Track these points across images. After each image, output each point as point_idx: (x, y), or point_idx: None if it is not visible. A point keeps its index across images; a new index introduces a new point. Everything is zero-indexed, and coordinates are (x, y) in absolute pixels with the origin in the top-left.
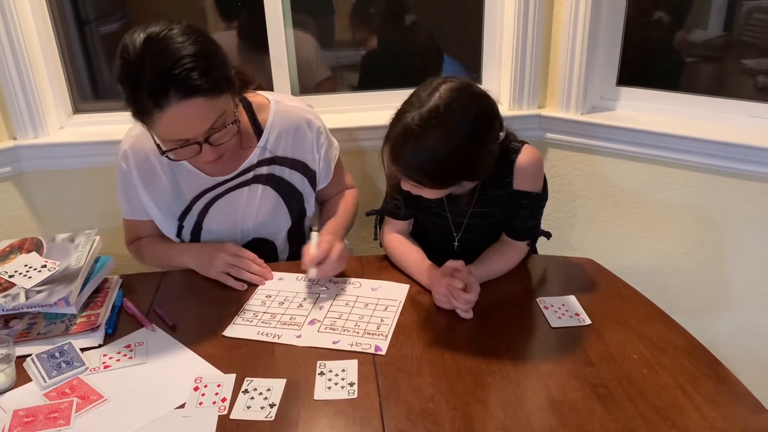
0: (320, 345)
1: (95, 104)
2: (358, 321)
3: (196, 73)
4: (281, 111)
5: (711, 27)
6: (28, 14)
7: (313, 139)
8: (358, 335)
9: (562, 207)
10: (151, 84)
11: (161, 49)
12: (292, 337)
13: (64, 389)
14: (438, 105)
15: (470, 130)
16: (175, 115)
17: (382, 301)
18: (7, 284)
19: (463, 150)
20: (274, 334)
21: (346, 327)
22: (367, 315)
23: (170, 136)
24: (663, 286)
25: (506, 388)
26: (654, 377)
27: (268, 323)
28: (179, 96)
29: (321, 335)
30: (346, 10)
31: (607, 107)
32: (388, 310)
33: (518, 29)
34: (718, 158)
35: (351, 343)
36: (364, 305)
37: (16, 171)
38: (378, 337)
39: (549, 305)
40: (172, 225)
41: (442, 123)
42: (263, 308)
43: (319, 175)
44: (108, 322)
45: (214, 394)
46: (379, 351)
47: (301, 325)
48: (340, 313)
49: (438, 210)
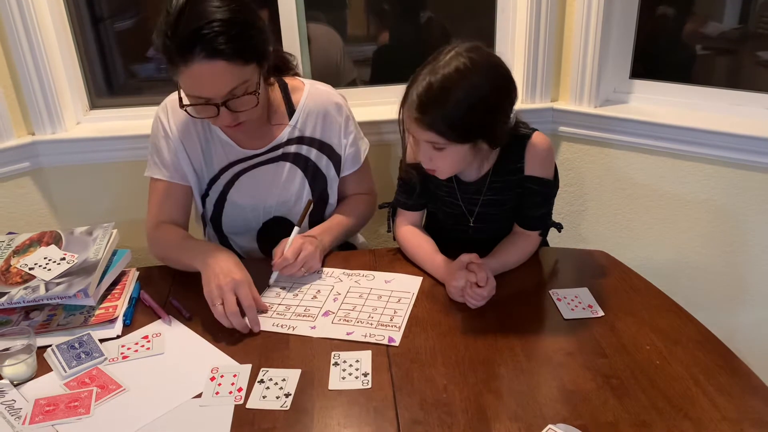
0: (335, 336)
1: (111, 100)
2: (371, 313)
3: (223, 38)
4: (314, 94)
5: (726, 19)
6: (46, 12)
7: (341, 124)
8: (371, 326)
9: (575, 200)
10: (181, 38)
11: (198, 9)
12: (307, 329)
13: (83, 379)
14: (462, 61)
15: (493, 83)
16: (197, 72)
17: (395, 294)
18: (27, 276)
19: (487, 101)
20: (289, 326)
21: (360, 318)
22: (380, 307)
23: (191, 92)
24: (677, 279)
25: (519, 378)
26: (667, 368)
27: (282, 315)
28: (203, 55)
29: (335, 326)
30: (358, 5)
31: (621, 100)
32: (401, 302)
33: (531, 22)
34: (732, 150)
35: (365, 334)
36: (378, 297)
37: (35, 166)
38: (391, 328)
39: (562, 297)
40: (201, 187)
41: (467, 75)
42: (278, 300)
43: (344, 160)
44: (126, 313)
45: (230, 384)
46: (392, 342)
47: (316, 316)
48: (354, 305)
49: (450, 199)
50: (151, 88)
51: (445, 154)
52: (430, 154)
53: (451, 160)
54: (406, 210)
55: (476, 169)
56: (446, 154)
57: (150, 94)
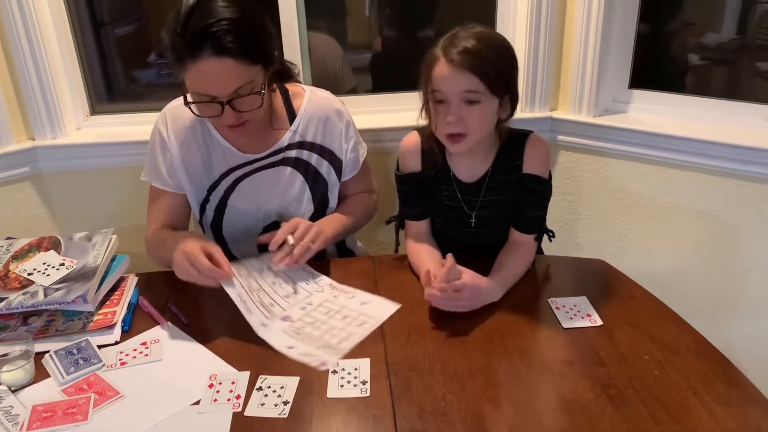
0: (273, 345)
1: (111, 106)
2: (325, 332)
3: (231, 36)
4: (314, 100)
5: (724, 30)
6: (47, 17)
7: (342, 129)
8: (315, 347)
9: (573, 209)
10: (190, 35)
11: (208, 8)
12: (258, 323)
13: (81, 385)
14: (480, 29)
15: (510, 46)
16: (205, 68)
17: (363, 317)
18: (26, 282)
19: (512, 57)
20: (247, 308)
21: (311, 335)
22: (338, 328)
23: (197, 89)
24: (675, 288)
25: (517, 387)
26: (665, 378)
27: (250, 292)
28: (211, 52)
29: (282, 335)
30: (357, 13)
31: (619, 110)
32: (363, 326)
33: (531, 31)
34: (730, 161)
35: (304, 353)
36: (343, 317)
37: (35, 171)
38: (332, 351)
39: (560, 306)
40: (199, 195)
41: (492, 34)
42: (259, 276)
43: (345, 165)
44: (124, 319)
45: (229, 391)
46: (324, 366)
47: (274, 315)
48: (315, 319)
49: (450, 202)
50: (151, 94)
51: (478, 109)
52: (461, 112)
53: (482, 117)
54: (412, 220)
55: (476, 165)
56: (478, 110)
57: (150, 99)
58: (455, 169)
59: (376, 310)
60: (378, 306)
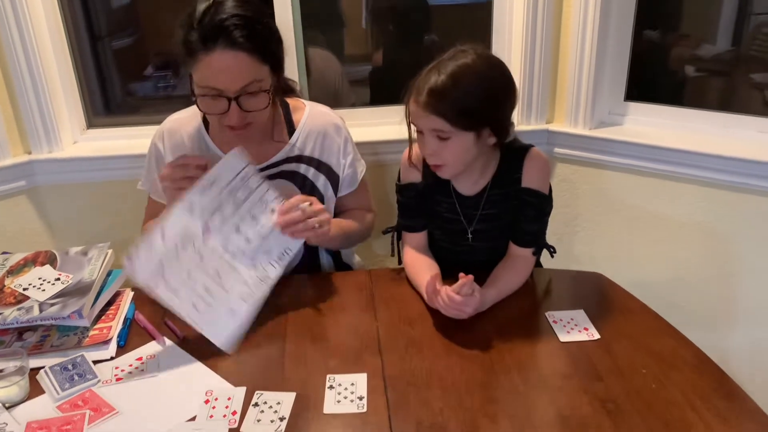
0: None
1: (108, 119)
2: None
3: (245, 31)
4: (314, 115)
5: (719, 42)
6: (44, 30)
7: (340, 144)
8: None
9: (569, 221)
10: (206, 27)
11: (224, 6)
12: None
13: (76, 401)
14: (470, 56)
15: (498, 76)
16: (217, 60)
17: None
18: (21, 297)
19: (492, 90)
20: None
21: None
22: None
23: (206, 82)
24: (672, 301)
25: (515, 402)
26: (663, 392)
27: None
28: (225, 44)
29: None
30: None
31: (615, 122)
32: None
33: (526, 44)
34: (726, 173)
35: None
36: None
37: (31, 185)
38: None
39: (558, 319)
40: None
41: (473, 66)
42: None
43: (342, 180)
44: (120, 334)
45: (225, 407)
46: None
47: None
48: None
49: (449, 215)
50: (148, 107)
51: (450, 144)
52: (434, 146)
53: (456, 150)
54: (409, 232)
55: (476, 179)
56: (451, 145)
57: (147, 113)
58: (455, 182)
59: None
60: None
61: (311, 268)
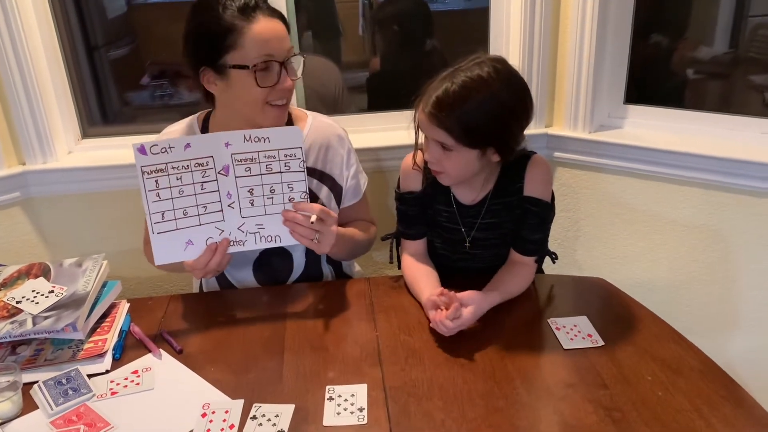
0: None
1: (103, 129)
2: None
3: (267, 4)
4: (317, 126)
5: (717, 44)
6: (38, 40)
7: (343, 156)
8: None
9: (570, 226)
10: (240, 3)
11: None
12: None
13: (71, 417)
14: (486, 69)
15: (513, 96)
16: (264, 25)
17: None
18: (14, 310)
19: (503, 111)
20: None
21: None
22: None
23: (258, 50)
24: (674, 305)
25: (519, 413)
26: (669, 400)
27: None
28: (265, 13)
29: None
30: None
31: (615, 125)
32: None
33: (524, 48)
34: (727, 175)
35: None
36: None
37: (25, 196)
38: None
39: (561, 326)
40: None
41: (488, 82)
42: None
43: (345, 191)
44: (115, 347)
45: (222, 420)
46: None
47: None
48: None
49: (449, 224)
50: (144, 116)
51: (453, 156)
52: (438, 155)
53: (458, 163)
54: (408, 239)
55: (477, 189)
56: (454, 157)
57: (143, 122)
58: (455, 190)
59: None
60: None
61: (313, 279)
